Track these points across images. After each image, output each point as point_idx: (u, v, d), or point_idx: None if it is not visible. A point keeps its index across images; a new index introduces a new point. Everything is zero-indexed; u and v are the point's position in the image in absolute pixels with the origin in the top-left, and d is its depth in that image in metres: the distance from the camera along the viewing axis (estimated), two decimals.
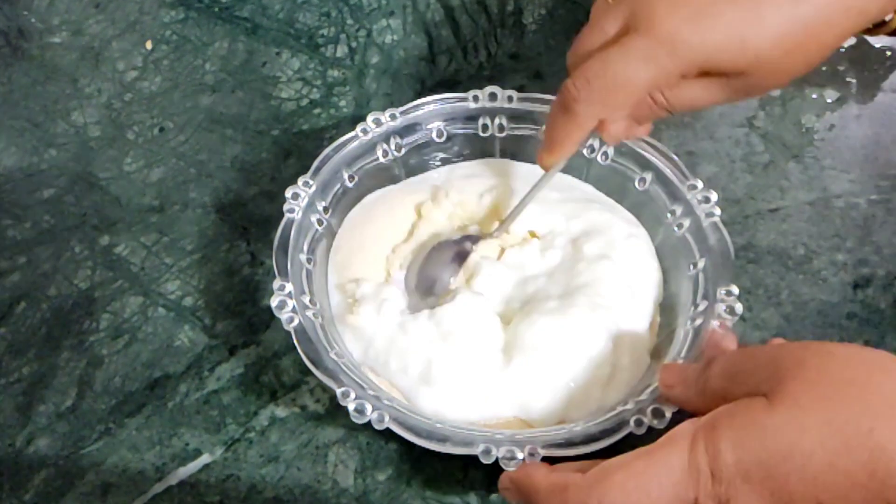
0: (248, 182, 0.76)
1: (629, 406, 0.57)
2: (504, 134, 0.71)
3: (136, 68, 0.84)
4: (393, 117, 0.69)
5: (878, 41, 0.80)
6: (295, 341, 0.59)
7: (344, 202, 0.69)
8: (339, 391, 0.56)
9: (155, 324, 0.69)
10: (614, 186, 0.71)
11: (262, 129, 0.80)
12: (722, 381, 0.50)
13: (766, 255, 0.70)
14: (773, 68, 0.57)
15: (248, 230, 0.74)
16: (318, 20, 0.86)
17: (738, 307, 0.60)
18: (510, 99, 0.70)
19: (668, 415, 0.55)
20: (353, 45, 0.85)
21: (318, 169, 0.67)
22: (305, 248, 0.65)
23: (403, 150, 0.70)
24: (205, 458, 0.63)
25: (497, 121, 0.71)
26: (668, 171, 0.67)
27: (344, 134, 0.69)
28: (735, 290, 0.61)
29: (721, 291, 0.61)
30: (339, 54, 0.84)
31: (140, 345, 0.68)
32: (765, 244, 0.70)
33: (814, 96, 0.78)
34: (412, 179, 0.72)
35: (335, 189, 0.68)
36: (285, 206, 0.64)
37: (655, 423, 0.55)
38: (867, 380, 0.44)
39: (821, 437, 0.43)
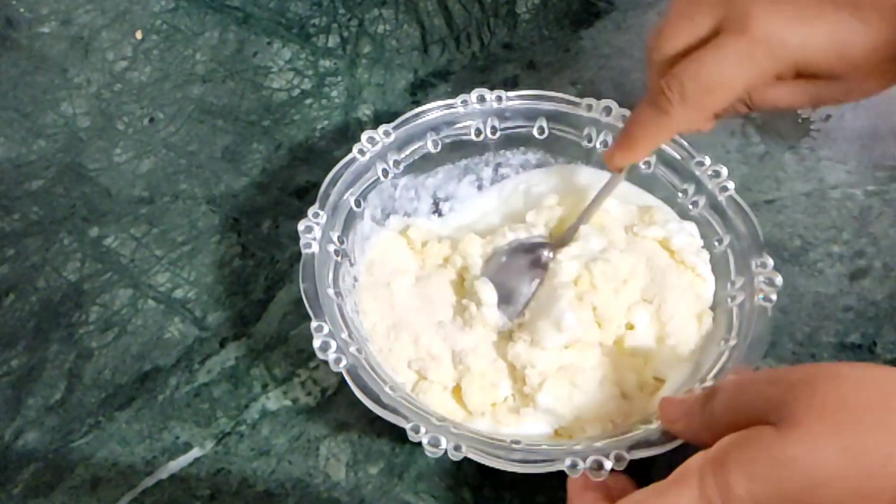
0: (239, 173, 0.76)
1: (579, 447, 0.55)
2: (497, 136, 0.70)
3: (125, 58, 0.83)
4: (387, 133, 0.68)
5: None
6: (350, 383, 0.57)
7: (355, 227, 0.67)
8: (408, 427, 0.55)
9: (145, 316, 0.69)
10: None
11: (253, 120, 0.79)
12: (727, 411, 0.48)
13: None
14: (869, 75, 0.56)
15: (238, 221, 0.73)
16: (310, 10, 0.86)
17: (778, 279, 0.60)
18: (499, 100, 0.69)
19: (608, 468, 0.53)
20: (345, 34, 0.84)
21: (325, 197, 0.65)
22: (331, 281, 0.63)
23: (402, 167, 0.69)
24: (195, 452, 0.63)
25: (490, 123, 0.70)
26: (671, 151, 0.67)
27: (335, 124, 0.68)
28: (770, 261, 0.61)
29: (755, 264, 0.61)
30: (330, 44, 0.84)
31: (130, 337, 0.68)
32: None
33: None
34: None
35: (344, 214, 0.66)
36: (301, 242, 0.62)
37: (591, 473, 0.53)
38: (882, 403, 0.43)
39: (838, 465, 0.42)
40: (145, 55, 0.83)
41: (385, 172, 0.67)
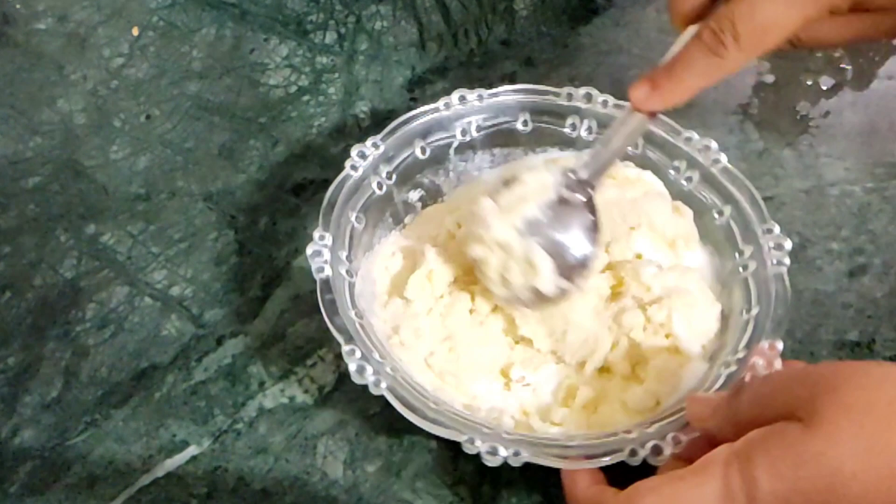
0: (236, 170, 0.76)
1: (633, 435, 0.55)
2: (482, 133, 0.70)
3: (122, 55, 0.83)
4: (376, 146, 0.67)
5: None
6: (396, 404, 0.56)
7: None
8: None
9: (141, 314, 0.69)
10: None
11: (249, 117, 0.79)
12: (753, 408, 0.48)
13: None
14: None
15: (235, 219, 0.73)
16: (307, 6, 0.85)
17: (787, 243, 0.60)
18: (480, 98, 0.69)
19: (668, 453, 0.53)
20: (342, 31, 0.84)
21: (327, 218, 0.63)
22: (349, 303, 0.61)
23: (394, 177, 0.68)
24: (192, 450, 0.63)
25: (475, 122, 0.70)
26: (657, 130, 0.66)
27: (332, 121, 0.68)
28: (776, 226, 0.61)
29: (761, 230, 0.61)
30: (327, 41, 0.84)
31: (126, 335, 0.68)
32: None
33: (809, 83, 0.78)
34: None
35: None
36: (314, 267, 0.61)
37: (652, 460, 0.53)
38: None
39: (861, 462, 0.42)
40: (142, 52, 0.83)
41: (380, 185, 0.66)
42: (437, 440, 0.60)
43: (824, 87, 0.78)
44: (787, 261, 0.60)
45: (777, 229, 0.62)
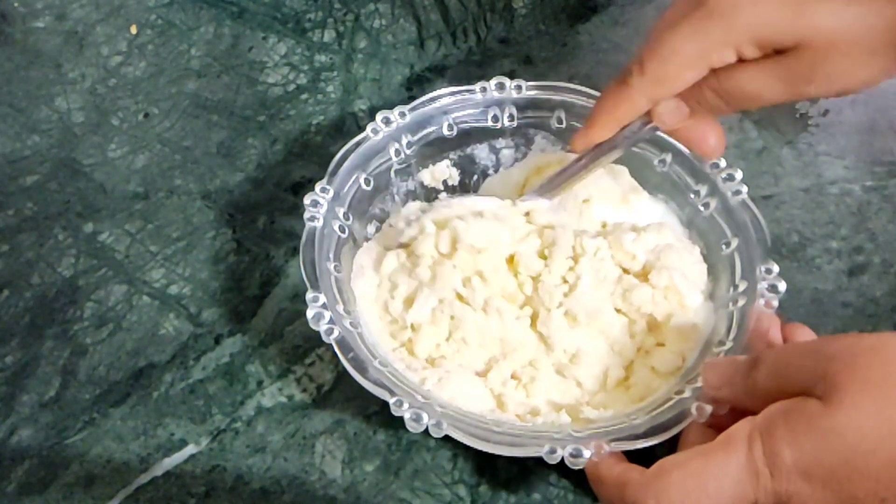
0: (235, 169, 0.75)
1: (687, 394, 0.56)
2: (515, 123, 0.70)
3: (120, 53, 0.83)
4: (402, 115, 0.68)
5: None
6: (339, 354, 0.57)
7: (362, 206, 0.68)
8: (392, 401, 0.55)
9: (140, 312, 0.68)
10: (632, 169, 0.70)
11: (248, 115, 0.79)
12: (770, 380, 0.49)
13: None
14: (831, 42, 0.54)
15: (234, 217, 0.73)
16: (306, 4, 0.85)
17: (782, 285, 0.60)
18: (518, 88, 0.70)
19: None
20: (341, 29, 0.84)
21: (334, 173, 0.65)
22: (331, 255, 0.63)
23: (414, 148, 0.69)
24: (190, 449, 0.62)
25: (507, 111, 0.70)
26: (687, 152, 0.66)
27: (331, 120, 0.68)
28: (775, 267, 0.60)
29: (761, 269, 0.61)
30: (326, 39, 0.83)
31: (124, 333, 0.68)
32: None
33: None
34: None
35: (353, 193, 0.67)
36: (306, 215, 0.63)
37: (716, 409, 0.54)
38: None
39: (880, 436, 0.44)
40: (140, 50, 0.83)
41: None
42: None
43: None
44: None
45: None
